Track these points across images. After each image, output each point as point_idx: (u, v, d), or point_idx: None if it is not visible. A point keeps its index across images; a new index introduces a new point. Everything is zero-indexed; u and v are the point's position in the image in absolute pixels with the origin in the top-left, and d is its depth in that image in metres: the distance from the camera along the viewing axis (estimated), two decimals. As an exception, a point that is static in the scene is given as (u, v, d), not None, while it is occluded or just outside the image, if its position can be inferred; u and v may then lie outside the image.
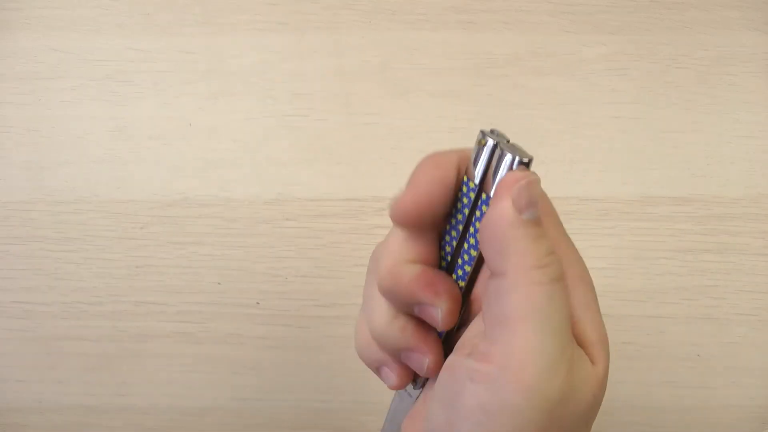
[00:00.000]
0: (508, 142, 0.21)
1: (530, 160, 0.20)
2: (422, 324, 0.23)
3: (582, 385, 0.20)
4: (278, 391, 0.44)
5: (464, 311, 0.23)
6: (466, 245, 0.22)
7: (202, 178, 0.45)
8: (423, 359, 0.23)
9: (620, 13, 0.46)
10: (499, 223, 0.19)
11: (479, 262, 0.23)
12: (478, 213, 0.22)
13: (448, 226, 0.23)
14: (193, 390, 0.44)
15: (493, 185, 0.21)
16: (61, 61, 0.46)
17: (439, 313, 0.22)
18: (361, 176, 0.45)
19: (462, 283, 0.23)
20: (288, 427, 0.44)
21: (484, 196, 0.21)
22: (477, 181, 0.21)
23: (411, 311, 0.23)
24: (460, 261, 0.23)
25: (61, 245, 0.44)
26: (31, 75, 0.46)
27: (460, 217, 0.22)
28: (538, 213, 0.20)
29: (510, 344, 0.19)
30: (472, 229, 0.22)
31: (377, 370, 0.25)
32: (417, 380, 0.25)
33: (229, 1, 0.47)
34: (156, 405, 0.44)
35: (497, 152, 0.21)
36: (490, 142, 0.21)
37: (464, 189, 0.22)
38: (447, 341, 0.24)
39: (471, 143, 0.25)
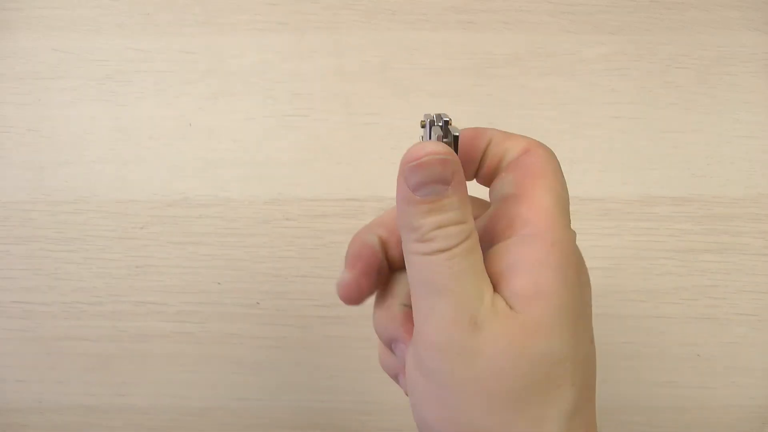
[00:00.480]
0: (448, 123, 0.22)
1: (450, 133, 0.22)
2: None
3: (494, 337, 0.20)
4: (278, 391, 0.44)
5: None
6: None
7: (202, 178, 0.45)
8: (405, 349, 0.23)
9: (620, 13, 0.46)
10: (397, 198, 0.21)
11: None
12: None
13: None
14: (193, 390, 0.44)
15: None
16: (61, 61, 0.46)
17: (341, 279, 0.24)
18: (361, 176, 0.45)
19: None
20: (288, 427, 0.44)
21: None
22: None
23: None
24: None
25: (61, 245, 0.44)
26: (31, 75, 0.46)
27: None
28: (442, 190, 0.20)
29: (414, 306, 0.21)
30: None
31: (395, 378, 0.26)
32: None
33: (229, 1, 0.47)
34: (156, 405, 0.44)
35: (433, 129, 0.22)
36: (428, 121, 0.22)
37: None
38: None
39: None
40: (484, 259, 0.21)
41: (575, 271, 0.21)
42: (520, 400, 0.20)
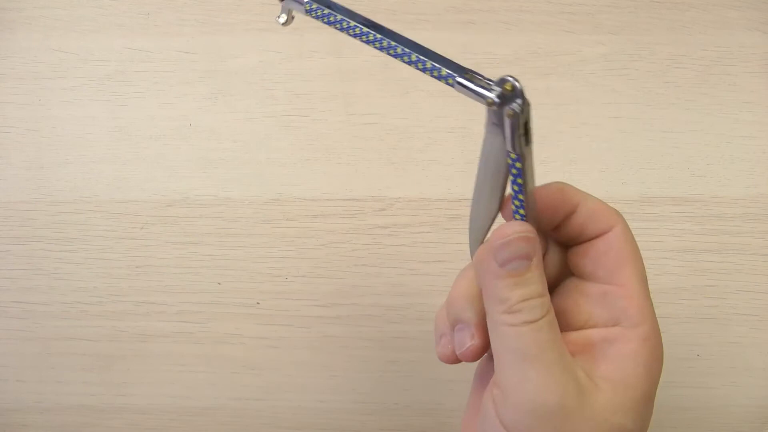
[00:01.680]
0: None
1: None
2: None
3: (582, 406, 0.22)
4: (278, 391, 0.44)
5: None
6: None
7: (202, 178, 0.45)
8: (467, 338, 0.25)
9: (620, 13, 0.46)
10: (481, 272, 0.23)
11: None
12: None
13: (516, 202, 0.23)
14: (193, 390, 0.44)
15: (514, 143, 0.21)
16: (61, 61, 0.46)
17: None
18: (361, 176, 0.45)
19: None
20: (288, 427, 0.44)
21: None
22: (511, 148, 0.22)
23: None
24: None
25: (61, 245, 0.44)
26: (31, 75, 0.46)
27: (516, 188, 0.23)
28: (526, 264, 0.23)
29: (503, 374, 0.23)
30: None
31: (439, 338, 0.28)
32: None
33: (229, 1, 0.47)
34: (156, 405, 0.44)
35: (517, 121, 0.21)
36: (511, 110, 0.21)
37: (508, 161, 0.22)
38: None
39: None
40: (567, 336, 0.24)
41: (659, 365, 0.24)
42: None
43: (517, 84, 0.20)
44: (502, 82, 0.21)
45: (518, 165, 0.22)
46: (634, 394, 0.23)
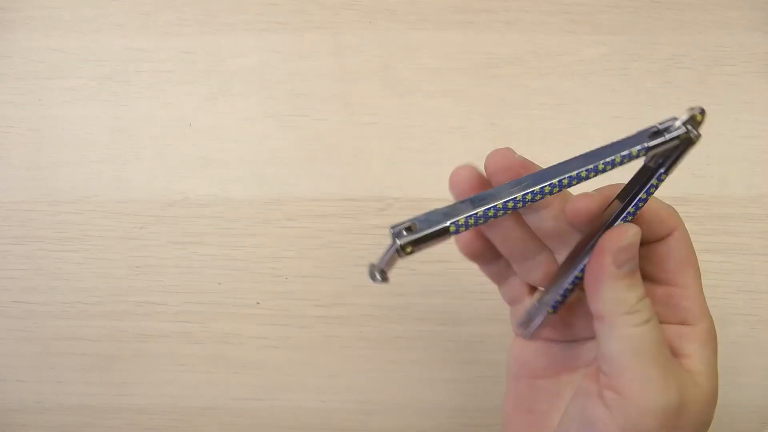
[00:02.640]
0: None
1: None
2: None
3: (691, 401, 0.23)
4: (278, 391, 0.44)
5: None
6: None
7: (202, 178, 0.45)
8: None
9: (620, 13, 0.46)
10: (599, 275, 0.24)
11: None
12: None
13: None
14: (193, 390, 0.44)
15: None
16: (61, 61, 0.46)
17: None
18: (361, 176, 0.45)
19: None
20: (288, 427, 0.44)
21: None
22: None
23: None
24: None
25: (61, 245, 0.44)
26: (31, 75, 0.46)
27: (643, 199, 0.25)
28: (635, 265, 0.24)
29: (624, 377, 0.23)
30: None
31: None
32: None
33: (229, 1, 0.47)
34: (156, 405, 0.44)
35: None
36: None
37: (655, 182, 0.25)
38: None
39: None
40: None
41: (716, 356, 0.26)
42: None
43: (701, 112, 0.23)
44: (691, 117, 0.24)
45: (658, 183, 0.24)
46: (714, 384, 0.24)
